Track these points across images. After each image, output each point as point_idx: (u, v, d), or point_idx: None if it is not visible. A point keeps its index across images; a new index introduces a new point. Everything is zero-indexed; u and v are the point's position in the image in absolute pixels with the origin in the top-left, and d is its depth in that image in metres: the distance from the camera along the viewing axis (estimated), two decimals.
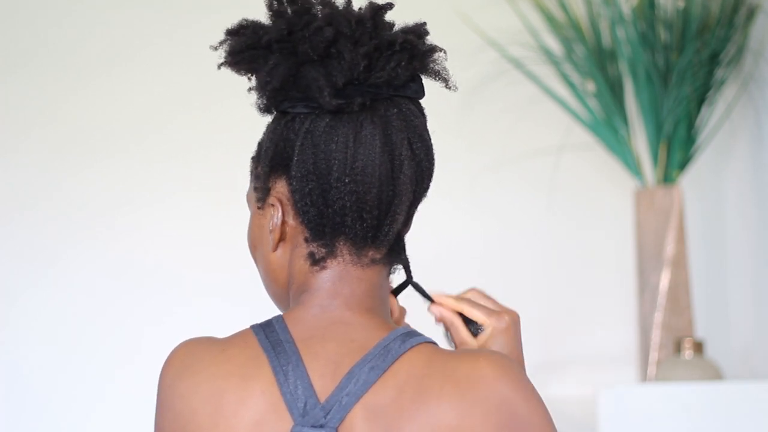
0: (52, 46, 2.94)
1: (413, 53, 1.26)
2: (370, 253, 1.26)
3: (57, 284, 2.90)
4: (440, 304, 1.36)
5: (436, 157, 1.32)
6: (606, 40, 2.78)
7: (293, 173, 1.26)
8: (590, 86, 2.78)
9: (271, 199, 1.29)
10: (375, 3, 1.28)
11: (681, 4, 2.69)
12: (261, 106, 1.28)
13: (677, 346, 2.54)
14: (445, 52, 1.30)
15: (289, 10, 1.27)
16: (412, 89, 1.27)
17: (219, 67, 1.30)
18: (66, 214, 2.92)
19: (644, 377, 2.67)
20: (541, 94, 2.89)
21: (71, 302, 2.90)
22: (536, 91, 2.90)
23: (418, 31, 1.29)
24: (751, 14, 2.72)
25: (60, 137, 2.92)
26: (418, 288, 1.35)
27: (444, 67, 1.30)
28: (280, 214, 1.28)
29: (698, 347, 2.53)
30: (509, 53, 2.88)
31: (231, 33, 1.29)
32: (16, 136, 2.92)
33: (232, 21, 1.31)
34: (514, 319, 1.34)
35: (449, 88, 1.30)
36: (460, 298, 1.35)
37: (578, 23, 2.79)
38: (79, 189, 2.92)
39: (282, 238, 1.29)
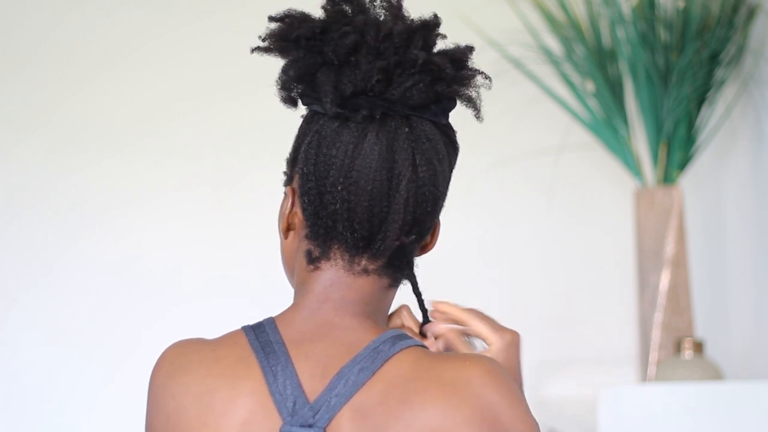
0: (51, 46, 2.94)
1: (438, 76, 1.26)
2: (363, 263, 1.27)
3: (56, 284, 2.90)
4: (443, 312, 1.35)
5: None
6: (606, 40, 2.78)
7: (298, 168, 1.27)
8: (590, 86, 2.78)
9: (288, 189, 1.30)
10: (426, 20, 1.27)
11: (681, 4, 2.68)
12: (280, 96, 1.29)
13: (677, 346, 2.54)
14: (490, 80, 1.30)
15: (342, 8, 1.27)
16: (431, 111, 1.27)
17: (252, 51, 1.30)
18: (64, 215, 2.92)
19: (644, 377, 2.66)
20: (541, 94, 2.89)
21: (70, 302, 2.90)
22: (536, 91, 2.90)
23: (455, 55, 1.28)
24: (751, 14, 2.72)
25: (59, 137, 2.92)
26: (421, 303, 1.35)
27: (477, 96, 1.29)
28: (289, 204, 1.29)
29: (698, 347, 2.52)
30: (509, 53, 2.88)
31: (272, 19, 1.29)
32: (16, 136, 2.92)
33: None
34: (515, 339, 1.33)
35: (478, 118, 1.31)
36: (465, 309, 1.35)
37: (578, 23, 2.79)
38: (78, 189, 2.92)
39: (291, 228, 1.30)
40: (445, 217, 3.30)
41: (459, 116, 1.39)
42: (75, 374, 2.89)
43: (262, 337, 1.24)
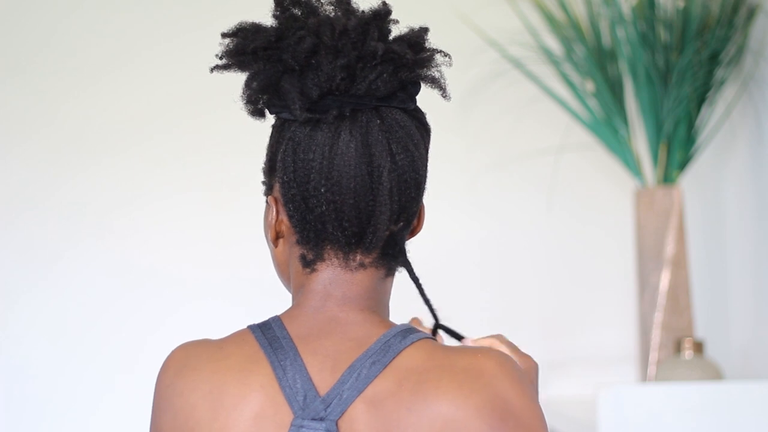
0: (53, 48, 2.94)
1: (400, 63, 1.26)
2: (359, 258, 1.28)
3: (57, 285, 2.90)
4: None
5: (436, 157, 1.32)
6: (606, 40, 2.78)
7: (278, 177, 1.28)
8: (590, 86, 2.78)
9: (270, 198, 1.31)
10: (377, 10, 1.28)
11: (681, 4, 2.69)
12: (247, 110, 1.29)
13: (677, 346, 2.54)
14: (449, 57, 1.30)
15: (292, 13, 1.28)
16: (399, 99, 1.27)
17: (211, 70, 1.31)
18: (66, 215, 2.92)
19: (644, 377, 2.67)
20: (541, 94, 2.89)
21: (72, 302, 2.90)
22: (536, 91, 2.90)
23: (412, 39, 1.28)
24: (751, 14, 2.72)
25: (60, 138, 2.92)
26: (447, 330, 1.36)
27: (440, 75, 1.30)
28: (274, 213, 1.30)
29: (698, 347, 2.52)
30: (509, 53, 2.88)
31: (225, 35, 1.30)
32: (17, 136, 2.92)
33: (232, 25, 1.31)
34: (535, 365, 1.34)
35: (445, 97, 1.31)
36: (490, 337, 1.36)
37: (578, 23, 2.79)
38: (80, 189, 2.92)
39: (280, 236, 1.31)
40: (445, 217, 3.30)
41: (459, 116, 1.39)
42: (76, 375, 2.89)
43: (269, 334, 1.25)
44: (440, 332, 1.38)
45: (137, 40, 2.96)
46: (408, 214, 1.29)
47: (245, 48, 1.27)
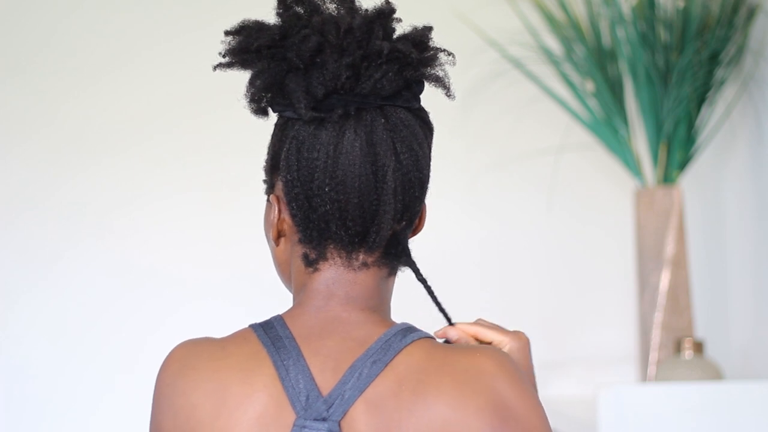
0: (53, 48, 2.94)
1: (405, 62, 1.26)
2: (361, 257, 1.27)
3: (57, 285, 2.90)
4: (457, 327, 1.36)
5: (436, 157, 1.32)
6: (606, 40, 2.78)
7: (281, 176, 1.27)
8: (590, 86, 2.78)
9: (272, 197, 1.30)
10: (381, 8, 1.28)
11: (681, 4, 2.69)
12: (250, 109, 1.29)
13: (677, 346, 2.54)
14: (453, 56, 1.30)
15: (295, 11, 1.27)
16: (403, 98, 1.27)
17: (214, 68, 1.30)
18: (66, 215, 2.92)
19: (644, 377, 2.67)
20: (541, 94, 2.89)
21: (72, 303, 2.90)
22: (536, 91, 2.90)
23: (417, 38, 1.28)
24: (751, 14, 2.72)
25: (61, 138, 2.93)
26: (440, 307, 1.36)
27: (444, 74, 1.29)
28: (276, 211, 1.30)
29: (698, 347, 2.52)
30: (509, 53, 2.88)
31: (228, 33, 1.29)
32: (17, 136, 2.93)
33: (228, 24, 1.31)
34: (526, 340, 1.34)
35: (449, 96, 1.30)
36: (473, 323, 1.35)
37: (578, 23, 2.79)
38: (80, 189, 2.92)
39: (281, 235, 1.30)
40: (446, 217, 3.30)
41: (459, 116, 1.39)
42: (76, 375, 2.89)
43: (272, 333, 1.25)
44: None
45: (137, 40, 2.96)
46: (411, 214, 1.29)
47: (249, 46, 1.27)
